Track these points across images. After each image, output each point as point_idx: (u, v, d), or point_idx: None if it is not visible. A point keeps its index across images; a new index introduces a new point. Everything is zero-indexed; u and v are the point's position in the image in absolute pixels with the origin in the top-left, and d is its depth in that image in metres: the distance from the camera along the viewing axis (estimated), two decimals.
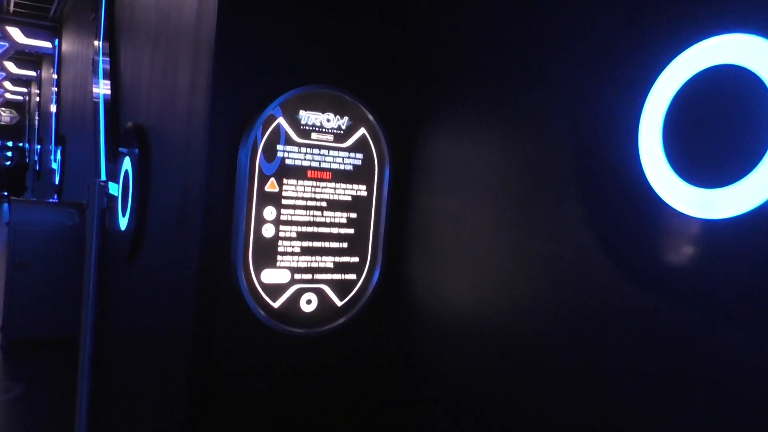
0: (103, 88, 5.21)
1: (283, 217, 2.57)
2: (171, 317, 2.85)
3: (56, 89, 9.99)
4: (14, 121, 23.95)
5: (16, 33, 9.58)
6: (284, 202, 2.57)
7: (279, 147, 2.55)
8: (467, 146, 2.43)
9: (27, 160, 15.53)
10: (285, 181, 2.56)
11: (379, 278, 2.75)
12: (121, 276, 4.09)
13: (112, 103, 4.78)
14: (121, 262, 4.03)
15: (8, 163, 14.98)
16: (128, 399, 3.68)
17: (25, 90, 19.72)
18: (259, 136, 2.50)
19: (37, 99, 14.81)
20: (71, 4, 8.98)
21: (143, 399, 3.32)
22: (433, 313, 2.57)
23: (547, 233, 1.98)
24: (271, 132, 2.53)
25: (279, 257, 2.57)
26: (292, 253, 2.60)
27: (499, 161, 2.23)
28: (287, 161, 2.57)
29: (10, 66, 14.34)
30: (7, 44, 9.22)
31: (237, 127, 2.49)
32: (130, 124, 3.96)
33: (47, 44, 9.89)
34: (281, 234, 2.57)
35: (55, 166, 9.40)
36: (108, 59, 5.03)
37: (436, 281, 2.59)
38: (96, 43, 5.70)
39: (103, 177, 4.92)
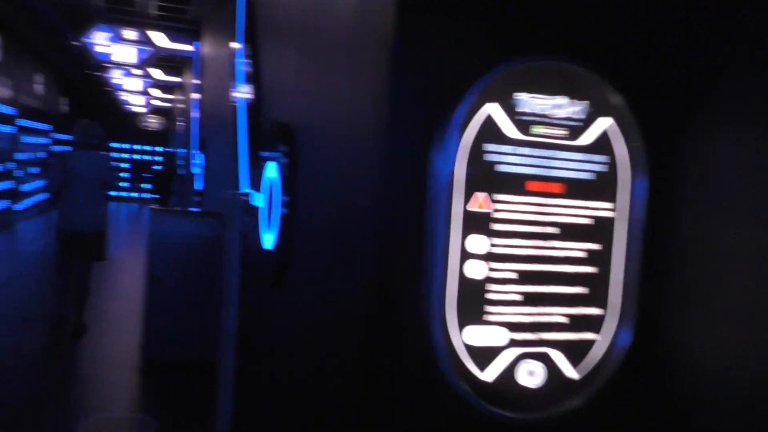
0: (243, 91, 4.70)
1: (495, 249, 1.77)
2: (328, 375, 2.14)
3: (198, 93, 9.87)
4: (162, 127, 25.08)
5: (159, 38, 9.56)
6: (496, 227, 1.77)
7: (488, 147, 1.75)
8: None
9: (175, 165, 15.92)
10: (497, 196, 1.76)
11: (630, 339, 1.87)
12: (264, 301, 3.48)
13: (253, 105, 4.22)
14: (264, 285, 3.43)
15: (159, 167, 15.33)
16: None
17: (171, 96, 20.45)
18: (458, 133, 1.72)
19: (182, 105, 15.13)
20: (209, 5, 8.75)
21: None
22: (712, 393, 1.67)
23: None
24: (476, 126, 1.74)
25: (490, 308, 1.77)
26: (509, 303, 1.79)
27: None
28: (500, 167, 1.77)
29: (156, 73, 14.73)
30: (151, 49, 9.19)
31: (425, 119, 1.73)
32: (274, 123, 3.34)
33: (188, 47, 9.80)
34: (493, 274, 1.77)
35: (197, 171, 9.24)
36: (248, 60, 4.52)
37: (718, 346, 1.69)
38: (235, 45, 5.25)
39: (245, 186, 4.37)
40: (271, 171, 3.32)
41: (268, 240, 3.31)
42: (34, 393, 4.66)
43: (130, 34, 9.90)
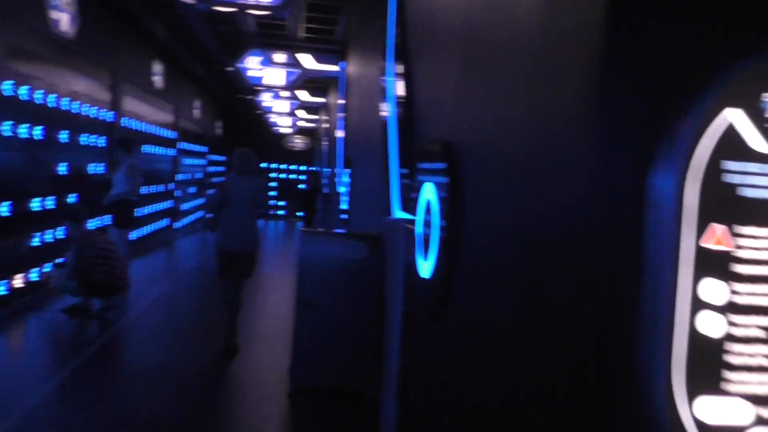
0: (392, 109, 4.51)
1: (737, 299, 1.36)
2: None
3: (343, 113, 9.92)
4: (306, 147, 25.98)
5: (306, 59, 9.75)
6: (739, 269, 1.36)
7: (728, 166, 1.36)
8: None
9: (319, 184, 16.27)
10: (740, 229, 1.36)
11: None
12: (422, 333, 3.21)
13: (405, 123, 4.00)
14: (422, 316, 3.16)
15: (303, 186, 15.73)
16: None
17: (315, 117, 21.09)
18: (687, 147, 1.34)
19: (326, 125, 15.47)
20: (355, 25, 8.89)
21: None
22: None
23: None
24: (713, 138, 1.36)
25: (729, 374, 1.37)
26: (755, 368, 1.37)
27: None
28: (743, 191, 1.37)
29: (303, 94, 15.17)
30: (298, 71, 9.39)
31: (644, 131, 1.37)
32: (431, 141, 3.07)
33: (334, 68, 9.89)
34: (734, 330, 1.37)
35: (342, 189, 9.24)
36: (398, 77, 4.32)
37: None
38: (384, 64, 5.10)
39: (397, 208, 4.16)
40: (428, 192, 3.06)
41: (425, 267, 3.05)
42: (184, 412, 4.69)
43: (279, 57, 10.18)
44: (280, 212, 24.40)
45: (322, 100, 15.70)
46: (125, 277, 7.02)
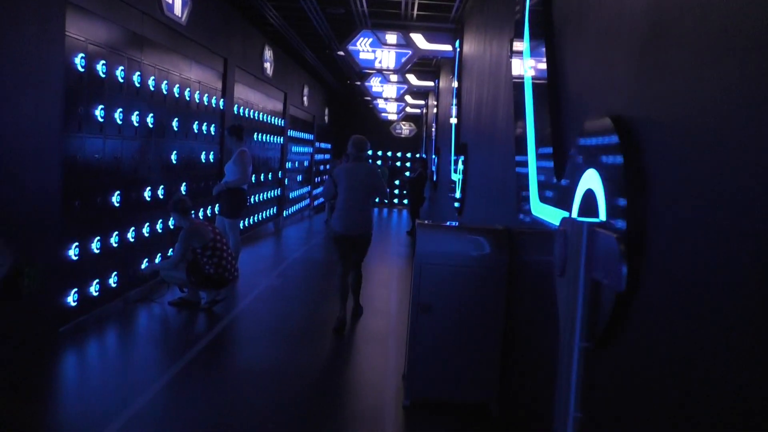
0: (528, 89, 3.89)
1: None
2: None
3: (456, 97, 9.30)
4: (412, 134, 25.53)
5: (418, 39, 9.28)
6: None
7: None
8: None
9: (427, 171, 15.73)
10: None
11: None
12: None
13: (548, 102, 3.38)
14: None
15: (409, 174, 15.23)
16: None
17: (422, 102, 20.57)
18: None
19: (434, 110, 14.88)
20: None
21: None
22: None
23: None
24: None
25: None
26: None
27: None
28: None
29: (411, 78, 14.66)
30: (410, 52, 8.95)
31: None
32: (597, 119, 2.45)
33: (447, 47, 9.32)
34: None
35: (455, 177, 8.67)
36: (537, 55, 3.71)
37: None
38: (512, 41, 4.50)
39: (535, 200, 3.54)
40: (590, 180, 2.44)
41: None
42: (290, 420, 4.31)
43: (391, 38, 9.73)
44: (385, 200, 24.12)
45: (430, 84, 15.11)
46: (233, 269, 6.80)
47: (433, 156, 14.35)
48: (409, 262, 11.81)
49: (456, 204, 8.37)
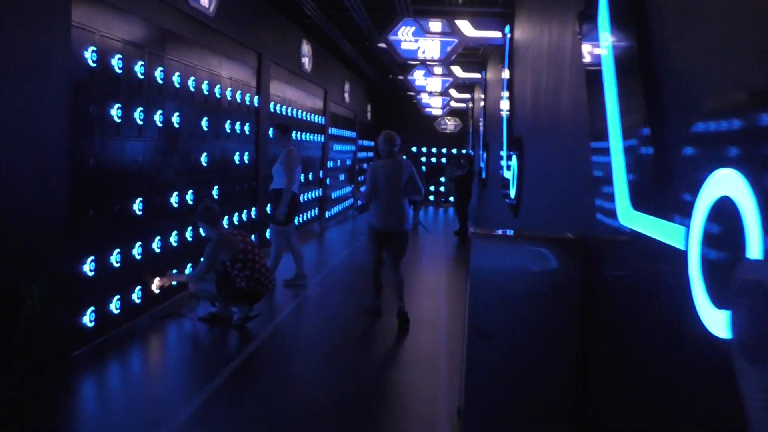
0: (609, 74, 3.14)
1: None
2: None
3: (507, 88, 8.53)
4: (457, 129, 24.68)
5: (464, 26, 8.55)
6: None
7: None
8: None
9: (474, 168, 14.95)
10: None
11: None
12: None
13: (644, 88, 2.64)
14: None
15: (457, 172, 14.45)
16: None
17: (467, 96, 19.74)
18: None
19: (482, 103, 14.08)
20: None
21: None
22: None
23: None
24: None
25: None
26: None
27: None
28: None
29: (456, 70, 13.92)
30: (456, 40, 8.30)
31: None
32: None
33: (497, 34, 8.56)
34: None
35: (507, 174, 7.92)
36: (623, 38, 2.99)
37: None
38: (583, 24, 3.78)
39: (625, 207, 2.80)
40: (725, 184, 1.72)
41: (714, 318, 1.72)
42: None
43: (435, 25, 9.02)
44: (431, 198, 23.37)
45: (477, 76, 14.31)
46: (268, 282, 6.20)
47: (482, 152, 13.56)
48: (458, 266, 11.06)
49: (510, 204, 7.62)
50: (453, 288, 8.51)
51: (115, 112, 5.33)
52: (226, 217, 8.10)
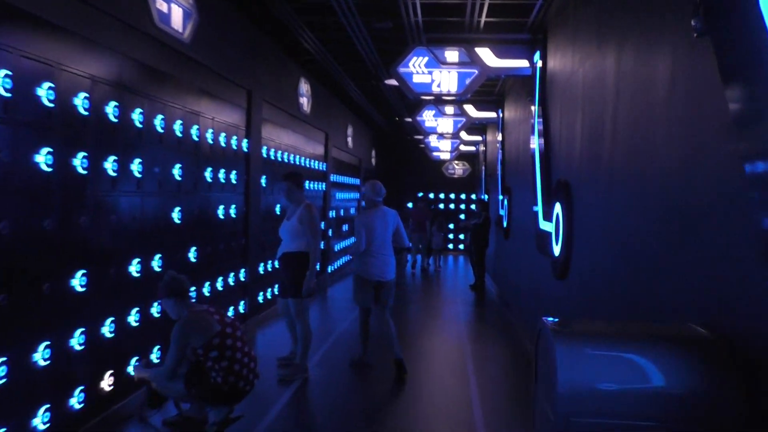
0: None
1: None
2: None
3: (538, 122, 7.26)
4: (466, 174, 23.45)
5: (486, 54, 7.72)
6: None
7: None
8: None
9: (490, 214, 13.59)
10: None
11: None
12: None
13: None
14: None
15: (475, 220, 13.05)
16: None
17: (479, 138, 18.45)
18: None
19: (499, 144, 12.83)
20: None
21: None
22: None
23: None
24: None
25: None
26: None
27: None
28: None
29: (470, 109, 12.71)
30: (476, 70, 7.78)
31: None
32: None
33: (524, 63, 7.73)
34: None
35: (547, 227, 6.59)
36: None
37: None
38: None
39: None
40: None
41: None
42: None
43: (451, 55, 7.70)
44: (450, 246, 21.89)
45: (492, 115, 13.05)
46: (251, 376, 4.74)
47: (500, 197, 12.19)
48: (480, 329, 9.64)
49: (553, 263, 6.23)
50: (478, 357, 7.07)
51: (43, 158, 4.00)
52: (207, 283, 6.72)
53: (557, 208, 6.09)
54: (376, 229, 6.47)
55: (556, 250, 6.09)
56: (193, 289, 6.03)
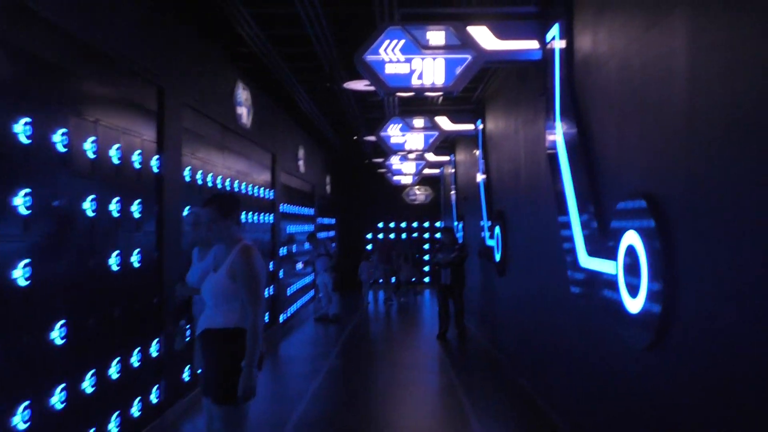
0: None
1: None
2: None
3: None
4: (428, 199, 21.38)
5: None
6: None
7: None
8: None
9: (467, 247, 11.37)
10: None
11: None
12: None
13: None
14: None
15: (455, 254, 10.61)
16: None
17: (445, 158, 16.36)
18: None
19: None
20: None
21: None
22: None
23: None
24: None
25: None
26: None
27: None
28: None
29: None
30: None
31: None
32: None
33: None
34: None
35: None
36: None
37: None
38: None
39: None
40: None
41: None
42: None
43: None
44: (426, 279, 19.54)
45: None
46: None
47: (486, 223, 9.98)
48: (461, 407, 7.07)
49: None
50: None
51: None
52: (91, 372, 4.40)
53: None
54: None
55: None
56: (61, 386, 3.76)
